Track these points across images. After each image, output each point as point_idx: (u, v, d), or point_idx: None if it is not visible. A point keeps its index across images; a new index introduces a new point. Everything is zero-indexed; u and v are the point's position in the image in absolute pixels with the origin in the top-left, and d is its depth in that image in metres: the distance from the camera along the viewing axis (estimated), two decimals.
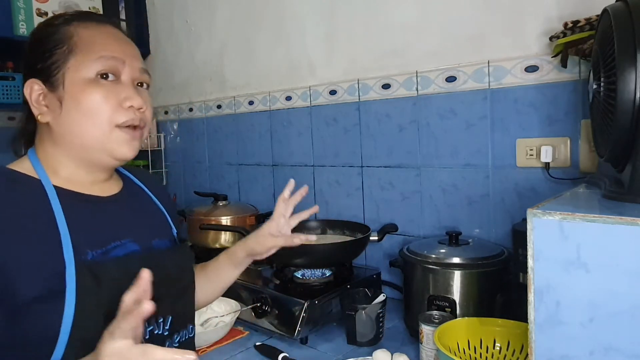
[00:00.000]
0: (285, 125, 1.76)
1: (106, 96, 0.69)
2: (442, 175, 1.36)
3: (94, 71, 0.69)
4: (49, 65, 0.69)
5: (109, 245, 0.70)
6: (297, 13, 1.67)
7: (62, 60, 0.68)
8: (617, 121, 0.64)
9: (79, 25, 0.71)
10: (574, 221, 0.57)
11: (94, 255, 0.67)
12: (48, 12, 1.95)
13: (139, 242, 0.75)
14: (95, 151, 0.71)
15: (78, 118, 0.69)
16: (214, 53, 2.01)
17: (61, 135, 0.70)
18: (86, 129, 0.69)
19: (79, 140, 0.70)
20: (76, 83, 0.68)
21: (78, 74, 0.68)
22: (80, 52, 0.69)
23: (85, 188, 0.73)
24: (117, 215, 0.75)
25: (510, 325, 0.93)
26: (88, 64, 0.68)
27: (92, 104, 0.68)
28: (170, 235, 0.85)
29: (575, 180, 1.12)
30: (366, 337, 1.14)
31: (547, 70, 1.16)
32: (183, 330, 0.79)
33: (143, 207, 0.83)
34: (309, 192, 1.69)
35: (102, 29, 0.72)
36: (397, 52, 1.43)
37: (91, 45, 0.69)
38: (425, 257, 1.13)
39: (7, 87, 1.98)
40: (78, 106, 0.68)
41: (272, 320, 1.21)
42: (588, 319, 0.57)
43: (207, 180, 2.12)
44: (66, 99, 0.68)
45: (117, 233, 0.72)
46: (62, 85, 0.68)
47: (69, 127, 0.69)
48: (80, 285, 0.62)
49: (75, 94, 0.68)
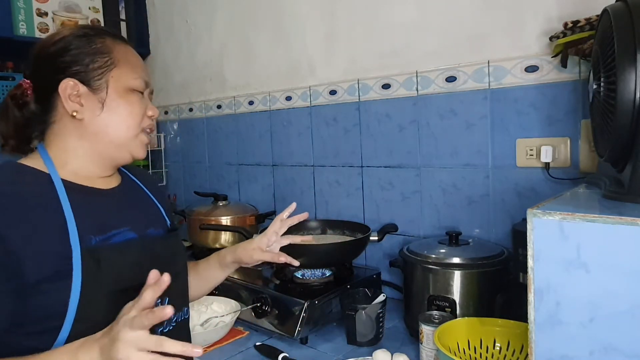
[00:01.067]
0: (285, 125, 1.76)
1: (139, 105, 0.82)
2: (442, 175, 1.36)
3: (132, 86, 0.81)
4: (92, 70, 0.78)
5: (109, 232, 0.77)
6: (297, 13, 1.67)
7: (106, 68, 0.79)
8: (617, 121, 0.64)
9: (114, 41, 0.82)
10: (574, 221, 0.57)
11: (97, 241, 0.74)
12: (48, 12, 1.95)
13: (135, 231, 0.82)
14: (120, 148, 0.81)
15: (116, 119, 0.80)
16: (214, 53, 2.01)
17: (93, 132, 0.79)
18: (120, 129, 0.80)
19: (109, 138, 0.80)
20: (118, 90, 0.80)
21: (120, 84, 0.80)
22: (123, 67, 0.80)
23: (90, 181, 0.81)
24: (116, 206, 0.83)
25: (510, 325, 0.93)
26: (130, 79, 0.81)
27: (129, 110, 0.81)
28: (164, 226, 0.92)
29: (575, 180, 1.12)
30: (366, 337, 1.14)
31: (547, 70, 1.16)
32: (179, 312, 0.87)
33: (139, 200, 0.92)
34: (309, 192, 1.70)
35: (129, 50, 0.84)
36: (397, 52, 1.43)
37: (129, 64, 0.82)
38: (425, 257, 1.13)
39: (7, 87, 1.98)
40: (118, 109, 0.79)
41: (272, 320, 1.21)
42: (588, 319, 0.57)
43: (207, 180, 2.12)
44: (108, 102, 0.79)
45: (117, 222, 0.80)
46: (106, 89, 0.79)
47: (104, 126, 0.79)
48: (85, 267, 0.70)
49: (117, 99, 0.79)
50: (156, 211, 0.93)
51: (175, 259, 0.89)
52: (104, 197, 0.82)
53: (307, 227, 1.55)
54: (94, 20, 2.08)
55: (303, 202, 1.72)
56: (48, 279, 0.68)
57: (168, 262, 0.85)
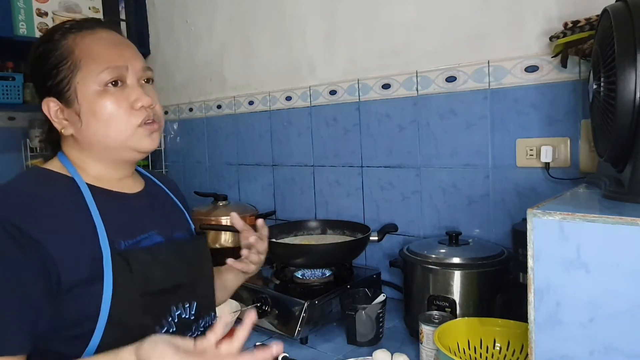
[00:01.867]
0: (285, 125, 1.76)
1: (118, 102, 0.75)
2: (442, 175, 1.36)
3: (102, 82, 0.74)
4: (59, 83, 0.74)
5: (138, 237, 0.77)
6: (297, 13, 1.67)
7: (70, 76, 0.73)
8: (617, 121, 0.64)
9: (76, 37, 0.75)
10: (574, 221, 0.57)
11: (126, 245, 0.74)
12: (48, 12, 1.95)
13: (162, 234, 0.81)
14: (121, 150, 0.77)
15: (99, 127, 0.75)
16: (214, 53, 2.01)
17: (87, 143, 0.77)
18: (108, 135, 0.75)
19: (103, 145, 0.76)
20: (88, 96, 0.74)
21: (87, 88, 0.74)
22: (85, 66, 0.73)
23: (113, 185, 0.80)
24: (142, 210, 0.82)
25: (510, 325, 0.93)
26: (95, 76, 0.73)
27: (107, 113, 0.74)
28: (189, 230, 0.92)
29: (575, 180, 1.12)
30: (366, 337, 1.14)
31: (547, 70, 1.16)
32: (207, 316, 0.86)
33: (164, 204, 0.91)
34: (309, 192, 1.70)
35: (99, 37, 0.76)
36: (397, 52, 1.43)
37: (94, 57, 0.74)
38: (425, 257, 1.13)
39: (7, 87, 1.98)
40: (95, 116, 0.74)
41: (272, 320, 1.21)
42: (588, 319, 0.57)
43: (207, 180, 2.12)
44: (83, 112, 0.74)
45: (144, 226, 0.79)
46: (76, 100, 0.74)
47: (92, 136, 0.75)
48: (116, 270, 0.69)
49: (90, 106, 0.74)
50: (180, 215, 0.93)
51: (202, 262, 0.88)
52: (130, 200, 0.81)
53: (307, 227, 1.55)
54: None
55: (303, 202, 1.72)
56: (81, 283, 0.67)
57: (196, 265, 0.85)
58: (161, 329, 0.74)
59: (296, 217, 1.72)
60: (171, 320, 0.76)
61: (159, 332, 0.74)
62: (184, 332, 0.78)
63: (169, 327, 0.76)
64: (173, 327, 0.76)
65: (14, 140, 2.15)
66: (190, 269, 0.83)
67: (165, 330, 0.75)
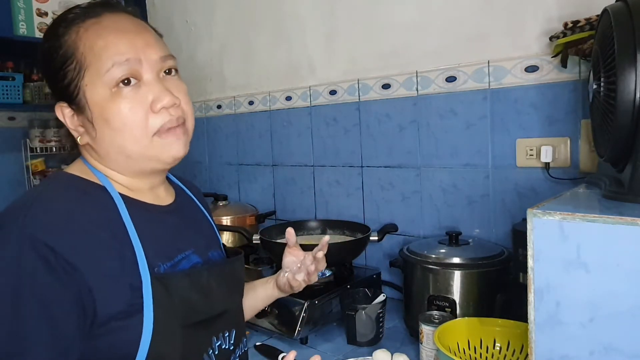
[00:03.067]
0: (285, 125, 1.76)
1: (132, 107, 0.63)
2: (442, 175, 1.36)
3: (112, 82, 0.62)
4: (67, 87, 0.64)
5: (175, 258, 0.67)
6: (297, 13, 1.67)
7: (77, 78, 0.63)
8: (617, 121, 0.64)
9: (80, 29, 0.63)
10: (574, 221, 0.57)
11: (165, 269, 0.64)
12: (48, 12, 1.94)
13: (199, 254, 0.72)
14: (142, 161, 0.66)
15: (114, 135, 0.64)
16: (214, 53, 2.01)
17: (105, 153, 0.66)
18: (124, 144, 0.64)
19: (122, 155, 0.65)
20: (99, 101, 0.63)
21: (97, 91, 0.63)
22: (92, 65, 0.63)
23: (145, 196, 0.70)
24: (177, 226, 0.72)
25: (510, 325, 0.93)
26: (102, 76, 0.62)
27: (121, 120, 0.63)
28: (220, 246, 0.83)
29: (575, 180, 1.12)
30: (366, 337, 1.14)
31: (547, 70, 1.16)
32: (241, 344, 0.77)
33: (196, 218, 0.80)
34: (309, 192, 1.70)
35: (105, 25, 0.64)
36: (397, 52, 1.43)
37: (100, 52, 0.62)
38: (425, 257, 1.13)
39: (7, 87, 1.97)
40: (109, 125, 0.63)
41: (272, 320, 1.21)
42: (588, 319, 0.57)
43: (207, 180, 2.12)
44: (95, 120, 0.64)
45: (180, 245, 0.70)
46: (87, 105, 0.64)
47: (108, 145, 0.65)
48: (156, 299, 0.60)
49: (102, 113, 0.63)
50: (211, 230, 0.83)
51: (240, 286, 0.80)
52: (163, 215, 0.70)
53: (307, 227, 1.55)
54: None
55: (303, 202, 1.72)
56: (119, 315, 0.58)
57: (234, 290, 0.76)
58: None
59: (296, 217, 1.72)
60: (211, 352, 0.68)
61: None
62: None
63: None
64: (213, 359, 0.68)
65: (14, 140, 2.14)
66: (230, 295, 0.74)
67: None
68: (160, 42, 0.70)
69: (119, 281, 0.59)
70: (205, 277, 0.68)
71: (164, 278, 0.62)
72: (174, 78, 0.69)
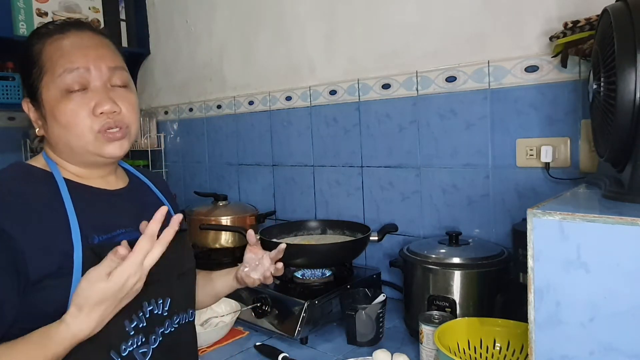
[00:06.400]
0: (285, 125, 1.76)
1: (77, 109, 0.74)
2: (442, 175, 1.36)
3: (62, 86, 0.74)
4: (30, 86, 0.77)
5: (114, 232, 0.77)
6: (297, 13, 1.67)
7: (37, 80, 0.75)
8: (617, 121, 0.64)
9: (46, 42, 0.76)
10: (574, 221, 0.57)
11: (100, 240, 0.74)
12: (48, 12, 1.95)
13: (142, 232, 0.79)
14: (85, 154, 0.78)
15: (60, 131, 0.76)
16: (214, 53, 2.01)
17: (54, 144, 0.78)
18: (70, 140, 0.76)
19: (67, 147, 0.77)
20: (50, 101, 0.75)
21: (50, 92, 0.75)
22: (48, 71, 0.75)
23: (94, 182, 0.81)
24: (122, 206, 0.83)
25: (510, 325, 0.93)
26: (55, 80, 0.74)
27: (66, 119, 0.74)
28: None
29: (575, 180, 1.12)
30: (366, 337, 1.14)
31: (547, 70, 1.16)
32: (182, 313, 0.86)
33: (147, 201, 0.90)
34: (309, 192, 1.70)
35: (67, 39, 0.76)
36: (397, 52, 1.43)
37: (56, 61, 0.74)
38: (425, 257, 1.13)
39: (7, 87, 1.98)
40: (57, 122, 0.75)
41: (272, 320, 1.21)
42: (588, 319, 0.57)
43: (207, 180, 2.12)
44: (47, 116, 0.76)
45: (122, 222, 0.79)
46: (42, 103, 0.76)
47: (57, 139, 0.77)
48: (86, 265, 0.69)
49: (52, 110, 0.75)
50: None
51: (181, 260, 0.89)
52: (110, 197, 0.82)
53: (307, 227, 1.55)
54: (94, 20, 2.07)
55: (303, 202, 1.72)
56: (50, 276, 0.68)
57: (173, 263, 0.84)
58: (130, 323, 0.75)
59: (296, 217, 1.72)
60: (142, 315, 0.77)
61: (128, 327, 0.74)
62: (154, 327, 0.79)
63: (138, 322, 0.76)
64: (143, 322, 0.77)
65: (13, 140, 2.14)
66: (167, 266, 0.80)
67: (134, 325, 0.75)
68: (116, 56, 0.81)
69: (50, 246, 0.69)
70: None
71: (98, 247, 0.72)
72: (122, 89, 0.80)
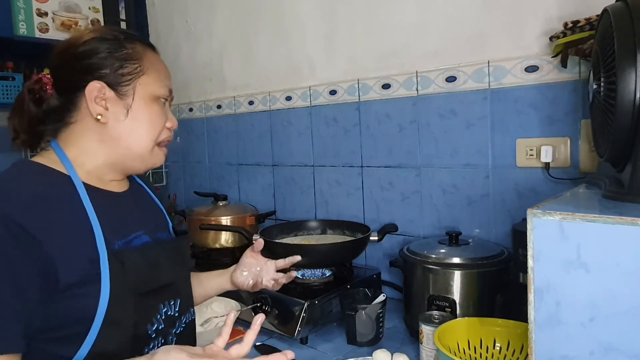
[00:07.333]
0: (285, 125, 1.76)
1: (161, 116, 0.82)
2: (442, 175, 1.36)
3: (158, 94, 0.82)
4: (121, 75, 0.78)
5: (129, 236, 0.79)
6: (297, 13, 1.67)
7: (135, 75, 0.79)
8: (617, 121, 0.64)
9: (144, 49, 0.82)
10: (574, 221, 0.57)
11: (119, 245, 0.76)
12: (48, 12, 1.94)
13: (148, 234, 0.84)
14: (135, 159, 0.82)
15: (138, 127, 0.79)
16: (214, 53, 2.01)
17: (115, 137, 0.79)
18: (140, 139, 0.80)
19: (128, 146, 0.80)
20: (144, 98, 0.80)
21: (146, 91, 0.80)
22: (151, 74, 0.81)
23: (103, 184, 0.82)
24: (130, 209, 0.85)
25: (510, 325, 0.93)
26: (157, 87, 0.81)
27: (152, 119, 0.81)
28: (169, 229, 0.95)
29: (575, 180, 1.12)
30: (366, 337, 1.14)
31: (547, 70, 1.16)
32: (187, 313, 0.89)
33: (146, 204, 0.94)
34: (309, 192, 1.70)
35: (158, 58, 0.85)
36: (397, 52, 1.43)
37: (157, 72, 0.82)
38: (425, 257, 1.13)
39: (7, 87, 1.97)
40: (141, 117, 0.79)
41: (272, 320, 1.21)
42: (588, 319, 0.57)
43: (207, 180, 2.12)
44: (133, 109, 0.79)
45: (133, 226, 0.81)
46: (133, 96, 0.79)
47: (126, 133, 0.79)
48: (112, 270, 0.71)
49: (142, 106, 0.80)
50: (161, 215, 0.95)
51: (185, 262, 0.93)
52: (120, 200, 0.83)
53: (307, 227, 1.55)
54: (94, 20, 2.07)
55: (303, 202, 1.72)
56: (78, 284, 0.68)
57: (180, 264, 0.88)
58: (151, 327, 0.77)
59: (296, 217, 1.72)
60: (159, 317, 0.80)
61: (149, 330, 0.77)
62: (168, 328, 0.82)
63: (157, 325, 0.79)
64: (161, 324, 0.80)
65: None
66: (176, 268, 0.86)
67: (154, 328, 0.78)
68: None
69: (77, 253, 0.69)
70: (155, 253, 0.81)
71: (119, 253, 0.73)
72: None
